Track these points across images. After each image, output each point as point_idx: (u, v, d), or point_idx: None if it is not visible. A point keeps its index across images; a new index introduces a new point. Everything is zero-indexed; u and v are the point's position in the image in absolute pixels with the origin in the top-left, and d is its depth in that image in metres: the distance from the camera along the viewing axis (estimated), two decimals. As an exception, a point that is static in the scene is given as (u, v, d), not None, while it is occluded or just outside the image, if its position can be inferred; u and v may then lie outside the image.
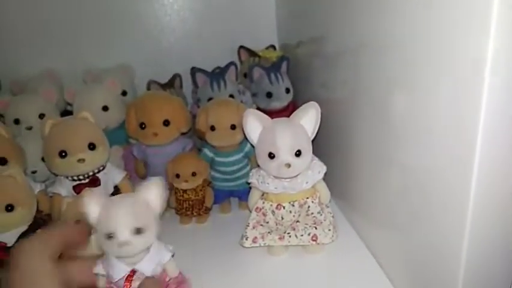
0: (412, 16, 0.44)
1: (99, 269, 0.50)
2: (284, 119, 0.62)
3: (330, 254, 0.63)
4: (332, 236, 0.62)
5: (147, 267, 0.50)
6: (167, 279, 0.53)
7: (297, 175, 0.60)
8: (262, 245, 0.63)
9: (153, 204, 0.50)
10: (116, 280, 0.49)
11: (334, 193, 0.65)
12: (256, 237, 0.63)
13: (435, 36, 0.40)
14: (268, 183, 0.61)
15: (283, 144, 0.58)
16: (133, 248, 0.47)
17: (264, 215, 0.63)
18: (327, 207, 0.64)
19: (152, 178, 0.51)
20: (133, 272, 0.49)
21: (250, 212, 0.65)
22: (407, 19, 0.45)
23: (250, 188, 0.66)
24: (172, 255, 0.53)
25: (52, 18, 0.96)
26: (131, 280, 0.49)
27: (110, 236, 0.46)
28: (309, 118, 0.60)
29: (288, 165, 0.58)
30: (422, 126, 0.45)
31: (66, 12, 0.96)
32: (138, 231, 0.47)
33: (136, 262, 0.49)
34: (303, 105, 0.60)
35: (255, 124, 0.61)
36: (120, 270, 0.49)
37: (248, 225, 0.63)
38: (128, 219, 0.47)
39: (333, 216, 0.64)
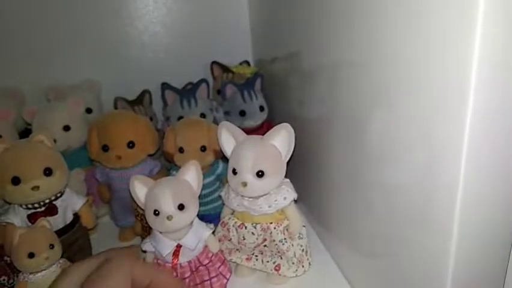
0: (391, 33, 0.42)
1: (147, 246, 0.57)
2: (256, 137, 0.59)
3: (304, 282, 0.60)
4: (296, 270, 0.60)
5: (191, 242, 0.56)
6: (209, 255, 0.58)
7: (259, 197, 0.57)
8: (228, 259, 0.62)
9: (193, 184, 0.57)
10: (164, 255, 0.54)
11: (310, 218, 0.62)
12: (222, 251, 0.62)
13: (414, 54, 0.38)
14: (231, 199, 0.60)
15: (244, 162, 0.56)
16: (176, 222, 0.53)
17: (228, 230, 0.62)
18: (300, 238, 0.60)
19: (189, 161, 0.57)
20: (179, 246, 0.55)
21: None
22: (386, 36, 0.43)
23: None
24: (213, 232, 0.59)
25: (15, 32, 0.91)
26: (178, 254, 0.55)
27: (156, 212, 0.53)
28: (281, 139, 0.57)
29: (245, 184, 0.56)
30: (402, 145, 0.43)
31: (30, 26, 0.91)
32: (181, 207, 0.54)
33: (180, 237, 0.55)
34: (276, 126, 0.57)
35: (228, 137, 0.60)
36: (167, 246, 0.55)
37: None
38: (172, 196, 0.53)
39: (303, 250, 0.60)
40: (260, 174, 0.56)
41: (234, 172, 0.57)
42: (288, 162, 0.58)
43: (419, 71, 0.38)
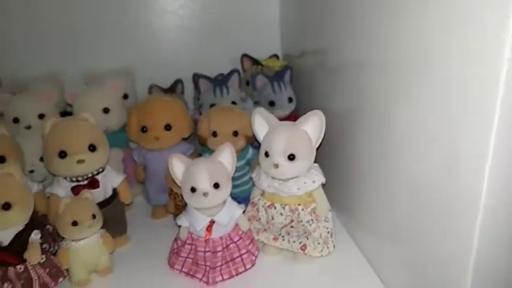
0: (420, 32, 0.44)
1: (182, 221, 0.61)
2: (288, 122, 0.62)
3: (327, 267, 0.63)
4: (322, 250, 0.63)
5: (223, 218, 0.60)
6: (240, 232, 0.63)
7: (289, 179, 0.60)
8: (256, 239, 0.65)
9: (227, 165, 0.61)
10: (198, 229, 0.59)
11: (335, 206, 0.65)
12: (250, 230, 0.65)
13: (443, 52, 0.41)
14: (262, 181, 0.63)
15: (276, 145, 0.59)
16: (212, 199, 0.57)
17: (258, 211, 0.65)
18: (326, 221, 0.63)
19: (224, 143, 0.61)
20: (212, 222, 0.59)
21: None
22: (415, 35, 0.45)
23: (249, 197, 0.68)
24: (243, 212, 0.63)
25: (56, 21, 0.96)
26: (211, 230, 0.59)
27: (193, 189, 0.57)
28: (313, 125, 0.60)
29: (276, 166, 0.59)
30: (426, 138, 0.45)
31: (70, 15, 0.96)
32: (216, 185, 0.58)
33: (214, 214, 0.59)
34: (308, 113, 0.60)
35: (261, 122, 0.63)
36: (201, 221, 0.59)
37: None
38: (208, 175, 0.57)
39: (328, 232, 0.63)
40: (291, 157, 0.59)
41: (267, 155, 0.61)
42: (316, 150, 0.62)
43: (447, 66, 0.40)
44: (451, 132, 0.41)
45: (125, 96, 0.87)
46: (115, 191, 0.69)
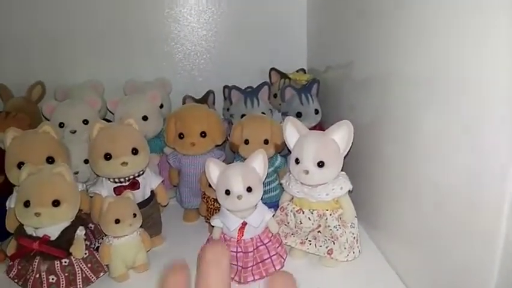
0: (444, 44, 0.47)
1: (216, 222, 0.65)
2: (318, 131, 0.67)
3: (352, 271, 0.65)
4: (348, 255, 0.65)
5: (255, 220, 0.63)
6: (269, 235, 0.66)
7: (318, 185, 0.64)
8: (284, 243, 0.68)
9: (259, 170, 0.64)
10: (231, 230, 0.63)
11: (360, 214, 0.68)
12: (279, 234, 0.68)
13: (467, 62, 0.44)
14: (292, 186, 0.66)
15: (307, 152, 0.62)
16: (244, 202, 0.61)
17: (286, 215, 0.68)
18: (352, 227, 0.66)
19: (258, 150, 0.64)
20: (244, 223, 0.63)
21: None
22: (439, 46, 0.49)
23: (277, 203, 0.72)
24: (273, 216, 0.66)
25: (99, 34, 1.02)
26: (243, 231, 0.63)
27: (227, 192, 0.61)
28: (341, 134, 0.63)
29: (307, 172, 0.62)
30: (451, 147, 0.48)
31: (114, 29, 1.03)
32: (249, 189, 0.61)
33: (246, 216, 0.63)
34: (337, 122, 0.64)
35: (292, 130, 0.66)
36: (234, 222, 0.63)
37: None
38: (242, 179, 0.61)
39: (354, 237, 0.66)
40: (320, 164, 0.62)
41: (297, 161, 0.64)
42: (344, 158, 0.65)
43: (471, 77, 0.43)
44: (475, 141, 0.43)
45: (161, 106, 0.92)
46: (152, 192, 0.73)
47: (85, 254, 0.64)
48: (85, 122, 0.82)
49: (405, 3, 0.57)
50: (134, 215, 0.65)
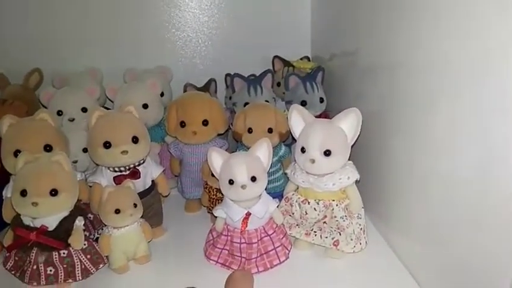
0: (455, 34, 0.45)
1: (219, 212, 0.63)
2: (325, 120, 0.64)
3: (358, 263, 0.64)
4: (354, 246, 0.64)
5: (259, 210, 0.61)
6: (274, 226, 0.65)
7: (324, 174, 0.62)
8: (288, 234, 0.67)
9: (263, 159, 0.62)
10: (235, 221, 0.61)
11: (367, 204, 0.66)
12: (283, 225, 0.67)
13: (479, 53, 0.42)
14: (297, 176, 0.65)
15: (313, 141, 0.61)
16: (249, 192, 0.59)
17: (291, 205, 0.66)
18: (359, 218, 0.65)
19: (262, 139, 0.62)
20: (248, 214, 0.61)
21: None
22: (449, 37, 0.47)
23: (282, 194, 0.70)
24: (277, 206, 0.65)
25: (97, 21, 1.00)
26: (247, 221, 0.61)
27: (231, 182, 0.59)
28: (349, 122, 0.61)
29: (313, 161, 0.60)
30: (462, 139, 0.46)
31: (113, 16, 1.00)
32: (253, 179, 0.59)
33: (250, 206, 0.61)
34: (345, 110, 0.61)
35: (298, 118, 0.64)
36: (238, 212, 0.61)
37: None
38: (246, 168, 0.59)
39: (361, 229, 0.64)
40: (327, 153, 0.60)
41: (303, 150, 0.62)
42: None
43: (483, 67, 0.41)
44: (487, 133, 0.42)
45: (161, 94, 0.89)
46: (153, 182, 0.71)
47: (84, 245, 0.63)
48: (84, 109, 0.80)
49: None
50: (135, 205, 0.63)
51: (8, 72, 0.96)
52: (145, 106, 0.81)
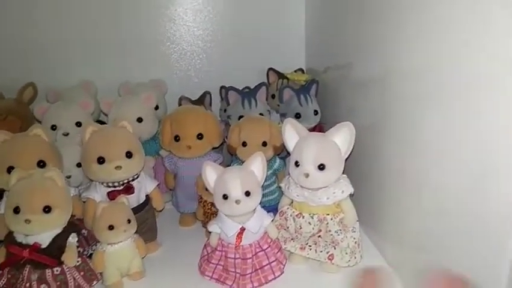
0: (446, 41, 0.46)
1: (214, 227, 0.63)
2: (318, 133, 0.65)
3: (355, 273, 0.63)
4: (349, 260, 0.63)
5: (253, 225, 0.61)
6: (268, 240, 0.64)
7: (318, 188, 0.62)
8: (283, 248, 0.66)
9: (258, 174, 0.62)
10: (229, 236, 0.60)
11: (362, 217, 0.66)
12: (278, 239, 0.66)
13: (473, 59, 0.42)
14: (291, 190, 0.64)
15: (307, 155, 0.61)
16: (243, 207, 0.59)
17: (286, 219, 0.66)
18: (354, 231, 0.64)
19: (256, 153, 0.62)
20: (243, 229, 0.61)
21: None
22: (439, 46, 0.47)
23: (277, 207, 0.70)
24: (272, 220, 0.64)
25: (91, 35, 1.00)
26: (241, 236, 0.61)
27: (225, 197, 0.59)
28: (342, 136, 0.61)
29: (307, 175, 0.60)
30: (456, 148, 0.46)
31: (106, 29, 1.00)
32: (247, 193, 0.59)
33: (245, 221, 0.61)
34: (338, 124, 0.62)
35: (291, 132, 0.64)
36: (232, 228, 0.60)
37: None
38: (240, 183, 0.59)
39: (356, 242, 0.64)
40: (321, 167, 0.60)
41: (297, 164, 0.62)
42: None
43: (476, 76, 0.42)
44: (480, 142, 0.42)
45: (156, 107, 0.89)
46: (147, 197, 0.71)
47: (78, 261, 0.62)
48: (78, 124, 0.80)
49: (405, 2, 0.55)
50: (129, 221, 0.63)
51: (2, 86, 0.96)
52: (140, 120, 0.80)
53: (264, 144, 0.72)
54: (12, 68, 1.00)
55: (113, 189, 0.66)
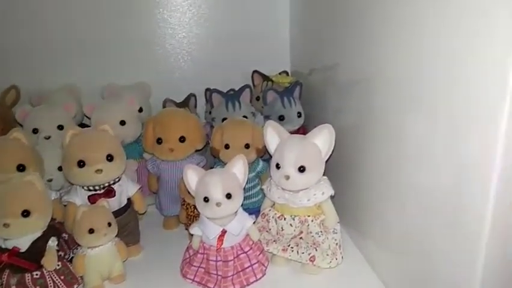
0: (427, 46, 0.47)
1: (195, 230, 0.63)
2: (299, 135, 0.65)
3: (335, 278, 0.64)
4: (330, 262, 0.64)
5: (235, 228, 0.61)
6: (250, 242, 0.64)
7: (299, 190, 0.62)
8: (265, 250, 0.67)
9: (239, 176, 0.62)
10: (211, 238, 0.60)
11: (343, 218, 0.66)
12: (260, 241, 0.67)
13: (453, 65, 0.43)
14: (273, 192, 0.65)
15: (288, 157, 0.61)
16: (224, 209, 0.59)
17: (268, 221, 0.66)
18: (335, 232, 0.65)
19: (237, 155, 0.62)
20: (224, 231, 0.61)
21: None
22: (421, 48, 0.48)
23: (260, 209, 0.70)
24: (254, 222, 0.64)
25: (74, 36, 0.99)
26: (223, 239, 0.61)
27: (206, 199, 0.59)
28: (322, 138, 0.62)
29: (287, 177, 0.61)
30: (437, 150, 0.47)
31: (90, 31, 0.99)
32: (228, 196, 0.59)
33: (226, 224, 0.61)
34: (318, 126, 0.62)
35: (273, 135, 0.65)
36: (213, 230, 0.61)
37: None
38: (221, 185, 0.59)
39: (337, 244, 0.65)
40: (302, 169, 0.61)
41: (278, 166, 0.62)
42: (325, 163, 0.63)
43: (458, 79, 0.42)
44: (459, 143, 0.42)
45: (140, 110, 0.89)
46: (129, 200, 0.71)
47: (58, 265, 0.62)
48: (60, 127, 0.79)
49: (389, 5, 0.56)
50: (109, 224, 0.62)
51: (-16, 89, 0.95)
52: (123, 123, 0.80)
53: (247, 146, 0.72)
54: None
55: (93, 192, 0.66)
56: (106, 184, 0.67)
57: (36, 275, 0.60)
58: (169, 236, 0.78)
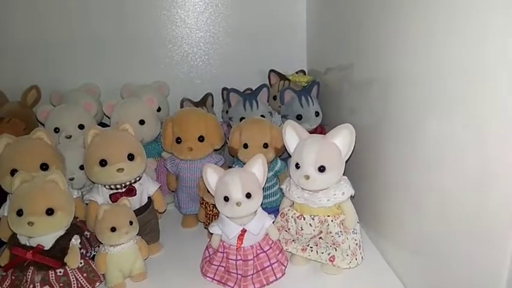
0: (448, 44, 0.46)
1: (215, 229, 0.63)
2: (318, 135, 0.65)
3: (355, 278, 0.64)
4: (350, 262, 0.64)
5: (254, 227, 0.61)
6: (270, 242, 0.64)
7: (319, 190, 0.62)
8: (284, 249, 0.67)
9: (258, 176, 0.62)
10: (230, 238, 0.61)
11: (362, 219, 0.66)
12: (279, 240, 0.67)
13: (473, 65, 0.42)
14: (292, 191, 0.65)
15: (307, 157, 0.61)
16: (244, 209, 0.59)
17: (287, 221, 0.66)
18: (354, 233, 0.64)
19: (257, 155, 0.62)
20: (244, 231, 0.61)
21: None
22: (442, 46, 0.47)
23: (278, 208, 0.70)
24: (273, 222, 0.64)
25: (94, 36, 1.00)
26: (242, 238, 0.61)
27: (226, 199, 0.59)
28: (342, 138, 0.61)
29: (307, 177, 0.60)
30: (456, 152, 0.46)
31: (108, 32, 1.01)
32: (248, 195, 0.59)
33: (246, 223, 0.61)
34: (338, 126, 0.62)
35: (292, 134, 0.65)
36: (233, 229, 0.61)
37: None
38: (241, 185, 0.59)
39: (357, 244, 0.64)
40: (321, 169, 0.60)
41: (297, 166, 0.62)
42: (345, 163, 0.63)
43: (475, 77, 0.42)
44: (482, 145, 0.42)
45: (158, 109, 0.90)
46: (149, 199, 0.71)
47: (80, 263, 0.63)
48: (81, 126, 0.81)
49: (406, 5, 0.55)
50: (131, 223, 0.63)
51: (5, 89, 0.97)
52: (142, 122, 0.81)
53: (265, 146, 0.72)
54: (16, 71, 1.01)
55: (115, 191, 0.67)
56: (127, 183, 0.67)
57: (60, 272, 0.61)
58: (188, 234, 0.78)
